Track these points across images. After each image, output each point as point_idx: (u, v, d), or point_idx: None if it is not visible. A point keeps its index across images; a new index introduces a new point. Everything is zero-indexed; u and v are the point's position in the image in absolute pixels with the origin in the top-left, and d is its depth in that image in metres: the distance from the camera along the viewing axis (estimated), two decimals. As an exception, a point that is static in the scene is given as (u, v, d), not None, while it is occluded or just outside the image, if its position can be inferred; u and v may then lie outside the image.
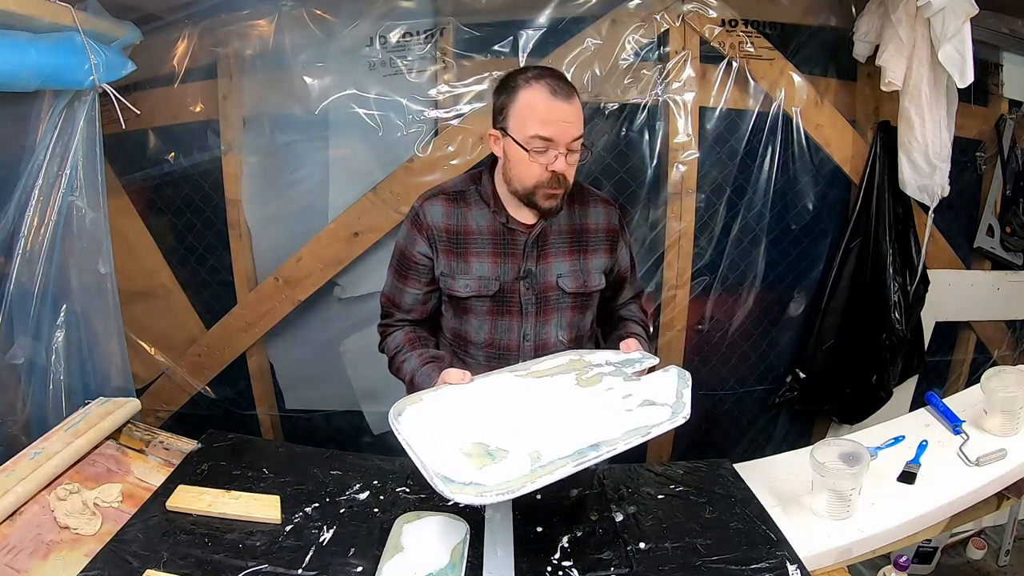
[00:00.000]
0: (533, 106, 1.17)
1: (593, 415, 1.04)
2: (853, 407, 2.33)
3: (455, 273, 1.31)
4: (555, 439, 0.96)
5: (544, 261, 1.32)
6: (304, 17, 1.96)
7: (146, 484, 1.30)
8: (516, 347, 1.35)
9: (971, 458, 1.37)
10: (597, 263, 1.36)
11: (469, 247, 1.31)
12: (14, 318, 1.53)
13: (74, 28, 1.47)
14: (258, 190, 2.10)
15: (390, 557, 1.10)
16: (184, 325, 2.22)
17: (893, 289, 2.18)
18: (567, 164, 1.19)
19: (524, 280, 1.31)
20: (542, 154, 1.18)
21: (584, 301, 1.37)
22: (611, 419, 1.02)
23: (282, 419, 2.35)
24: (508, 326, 1.34)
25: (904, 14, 1.86)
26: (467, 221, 1.31)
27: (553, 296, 1.33)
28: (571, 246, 1.34)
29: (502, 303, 1.33)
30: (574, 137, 1.19)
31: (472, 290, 1.31)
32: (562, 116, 1.17)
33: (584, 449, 0.93)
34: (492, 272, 1.31)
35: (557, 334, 1.36)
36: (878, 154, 2.13)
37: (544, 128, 1.17)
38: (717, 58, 2.05)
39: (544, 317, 1.34)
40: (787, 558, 1.10)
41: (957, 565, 2.35)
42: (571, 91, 1.19)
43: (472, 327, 1.35)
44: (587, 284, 1.35)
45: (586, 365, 1.21)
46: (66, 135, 1.55)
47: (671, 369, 1.17)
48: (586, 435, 0.97)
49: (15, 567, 1.05)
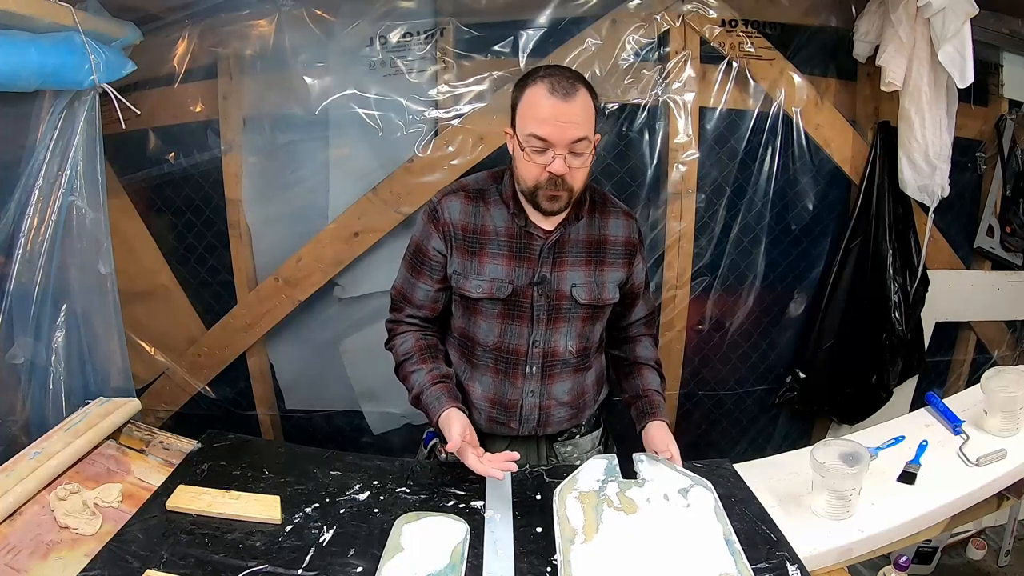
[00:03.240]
0: (532, 105, 1.15)
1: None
2: (853, 407, 2.33)
3: (468, 273, 1.29)
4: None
5: (559, 268, 1.29)
6: (304, 17, 1.95)
7: (146, 484, 1.30)
8: (524, 353, 1.33)
9: (971, 458, 1.37)
10: (613, 276, 1.33)
11: (485, 247, 1.28)
12: (14, 318, 1.53)
13: (74, 28, 1.47)
14: (258, 190, 2.10)
15: (390, 557, 1.09)
16: (184, 325, 2.22)
17: (893, 289, 2.18)
18: (566, 166, 1.14)
19: (538, 286, 1.29)
20: (540, 154, 1.15)
21: (596, 313, 1.34)
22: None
23: (282, 419, 2.35)
24: (518, 331, 1.31)
25: (904, 14, 1.86)
26: (485, 221, 1.28)
27: (565, 305, 1.30)
28: (588, 256, 1.31)
29: (513, 307, 1.30)
30: (574, 138, 1.13)
31: (484, 292, 1.28)
32: (559, 116, 1.12)
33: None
34: (506, 275, 1.28)
35: (566, 343, 1.34)
36: (878, 154, 2.13)
37: (540, 127, 1.13)
38: (717, 58, 2.05)
39: (555, 325, 1.32)
40: (787, 558, 1.10)
41: (957, 565, 2.35)
42: (575, 89, 1.13)
43: (481, 329, 1.33)
44: (601, 297, 1.32)
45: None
46: (66, 135, 1.55)
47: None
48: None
49: (15, 567, 1.05)
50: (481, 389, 1.37)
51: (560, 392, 1.37)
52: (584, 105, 1.15)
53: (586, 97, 1.15)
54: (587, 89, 1.17)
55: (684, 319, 2.21)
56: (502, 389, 1.36)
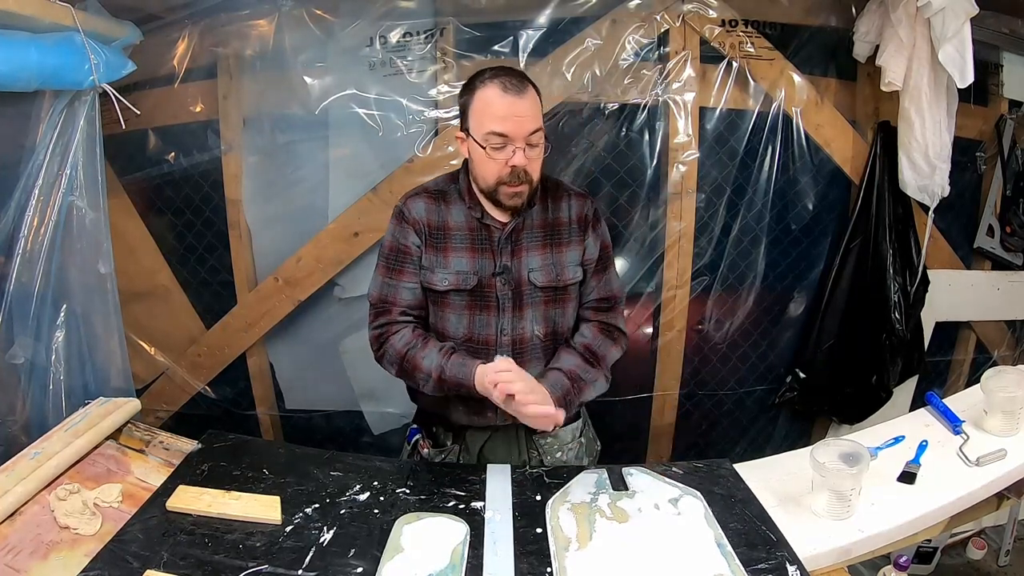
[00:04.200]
0: (487, 104, 1.21)
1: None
2: (853, 407, 2.33)
3: (434, 267, 1.34)
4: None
5: (518, 256, 1.34)
6: (304, 17, 1.96)
7: (146, 484, 1.30)
8: (494, 342, 1.36)
9: (971, 458, 1.37)
10: (572, 256, 1.37)
11: (449, 242, 1.34)
12: (14, 318, 1.53)
13: (74, 28, 1.47)
14: (258, 190, 2.10)
15: (390, 558, 1.10)
16: (184, 325, 2.22)
17: (893, 289, 2.18)
18: (526, 158, 1.22)
19: (500, 276, 1.34)
20: (500, 150, 1.22)
21: (558, 295, 1.37)
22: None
23: (282, 419, 2.35)
24: (486, 321, 1.36)
25: (904, 14, 1.86)
26: (447, 218, 1.34)
27: (527, 291, 1.35)
28: (544, 240, 1.36)
29: (480, 298, 1.35)
30: (530, 131, 1.21)
31: (450, 284, 1.33)
32: (515, 111, 1.20)
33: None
34: (470, 267, 1.33)
35: (533, 328, 1.37)
36: (878, 154, 2.13)
37: (499, 124, 1.20)
38: (717, 58, 2.05)
39: (520, 312, 1.36)
40: (787, 558, 1.10)
41: (957, 565, 2.35)
42: (524, 86, 1.22)
43: (451, 323, 1.36)
44: (560, 278, 1.36)
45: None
46: (66, 135, 1.55)
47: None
48: None
49: (15, 567, 1.05)
50: None
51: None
52: (533, 100, 1.24)
53: (533, 92, 1.25)
54: (532, 85, 1.26)
55: (684, 319, 2.21)
56: None
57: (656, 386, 2.27)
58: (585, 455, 1.53)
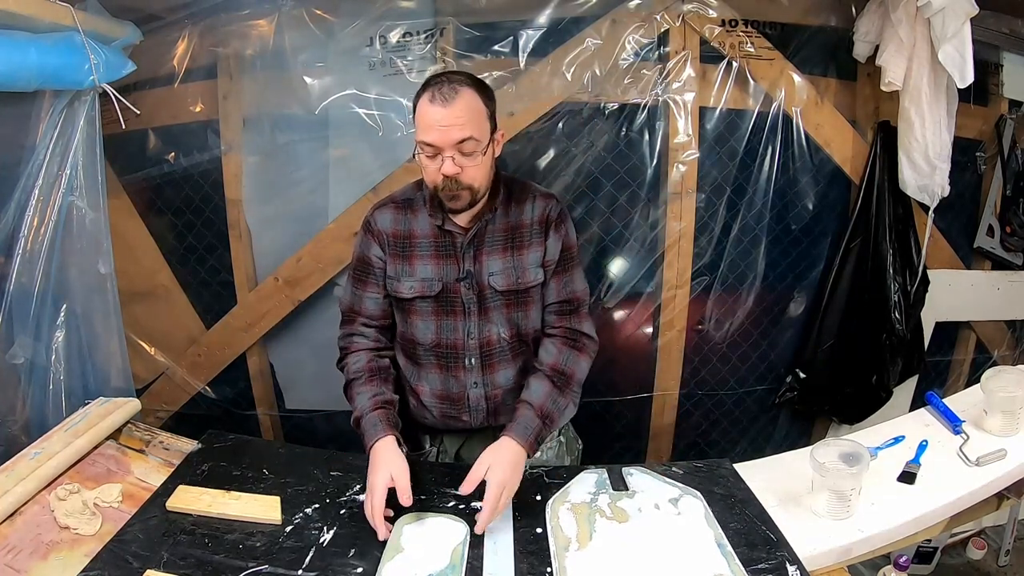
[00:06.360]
0: (420, 114, 1.21)
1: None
2: (853, 407, 2.33)
3: (400, 276, 1.36)
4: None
5: (479, 261, 1.35)
6: (304, 17, 1.95)
7: (146, 484, 1.30)
8: (462, 346, 1.38)
9: (971, 458, 1.37)
10: (533, 258, 1.37)
11: (414, 251, 1.36)
12: (14, 318, 1.53)
13: (74, 28, 1.47)
14: (258, 190, 2.10)
15: (390, 558, 1.10)
16: (184, 325, 2.22)
17: (893, 289, 2.18)
18: (457, 166, 1.20)
19: (464, 281, 1.35)
20: (432, 159, 1.22)
21: (520, 298, 1.38)
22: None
23: (282, 419, 2.35)
24: (453, 326, 1.37)
25: (904, 14, 1.86)
26: (412, 226, 1.36)
27: (489, 295, 1.36)
28: (505, 244, 1.36)
29: (446, 304, 1.36)
30: (457, 140, 1.19)
31: (416, 291, 1.35)
32: (439, 121, 1.18)
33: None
34: (435, 273, 1.35)
35: (498, 331, 1.38)
36: (878, 154, 2.13)
37: (426, 134, 1.20)
38: (717, 58, 2.04)
39: (485, 316, 1.37)
40: (787, 558, 1.10)
41: (957, 565, 2.35)
42: (454, 94, 1.18)
43: (419, 329, 1.38)
44: (520, 281, 1.36)
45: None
46: (66, 135, 1.55)
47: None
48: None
49: (15, 567, 1.05)
50: (429, 387, 1.43)
51: (504, 380, 1.42)
52: (466, 107, 1.20)
53: (470, 99, 1.21)
54: (475, 90, 1.22)
55: (684, 319, 2.21)
56: (447, 384, 1.41)
57: (656, 386, 2.27)
58: (566, 454, 1.54)
